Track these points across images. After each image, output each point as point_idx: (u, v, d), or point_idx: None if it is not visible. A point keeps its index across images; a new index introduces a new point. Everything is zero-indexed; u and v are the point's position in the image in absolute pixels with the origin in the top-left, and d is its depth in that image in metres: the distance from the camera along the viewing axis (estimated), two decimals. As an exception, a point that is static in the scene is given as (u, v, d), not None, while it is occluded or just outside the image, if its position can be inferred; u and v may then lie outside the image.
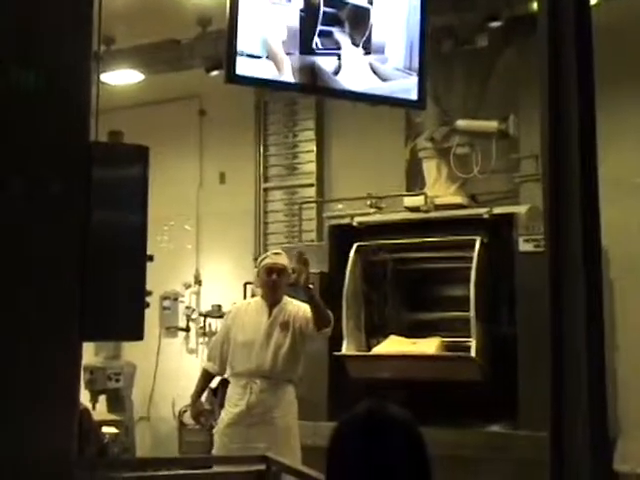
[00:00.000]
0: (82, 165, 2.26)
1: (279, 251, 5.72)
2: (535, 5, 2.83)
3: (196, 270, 9.38)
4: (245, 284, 8.30)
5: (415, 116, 7.43)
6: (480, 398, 6.03)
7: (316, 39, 5.23)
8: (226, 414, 5.40)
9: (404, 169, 7.95)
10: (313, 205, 8.59)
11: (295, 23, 5.20)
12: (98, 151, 2.31)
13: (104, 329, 2.26)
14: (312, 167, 8.85)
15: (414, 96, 5.57)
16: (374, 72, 5.46)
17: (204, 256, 9.41)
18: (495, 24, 6.61)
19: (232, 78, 5.05)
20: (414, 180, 7.68)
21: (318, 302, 5.21)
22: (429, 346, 6.38)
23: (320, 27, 5.21)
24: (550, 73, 2.70)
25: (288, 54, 5.15)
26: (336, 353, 6.41)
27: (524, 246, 6.01)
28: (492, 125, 6.78)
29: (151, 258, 2.32)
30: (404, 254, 6.80)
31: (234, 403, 5.36)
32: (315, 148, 8.85)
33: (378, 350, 6.60)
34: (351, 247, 6.71)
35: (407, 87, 5.54)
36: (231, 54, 4.97)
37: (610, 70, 4.64)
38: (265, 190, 9.17)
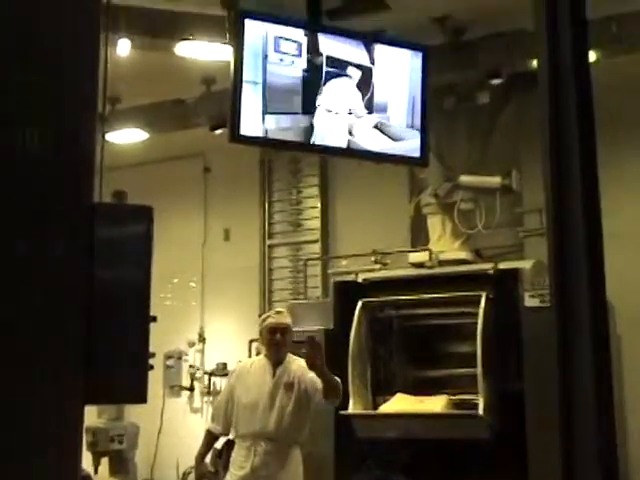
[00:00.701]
0: (86, 225, 2.26)
1: (281, 310, 5.68)
2: (535, 62, 2.86)
3: (200, 328, 9.35)
4: (250, 341, 8.26)
5: (419, 172, 7.47)
6: (489, 456, 5.96)
7: (319, 98, 5.28)
8: (231, 476, 5.31)
9: (408, 225, 7.97)
10: (318, 262, 8.59)
11: (298, 83, 5.26)
12: (102, 211, 2.30)
13: (107, 392, 2.23)
14: (317, 223, 8.88)
15: (417, 153, 5.61)
16: (377, 130, 5.50)
17: (208, 313, 9.39)
18: (496, 81, 6.68)
19: (236, 138, 5.10)
20: (418, 236, 7.69)
21: (330, 378, 5.09)
22: (436, 404, 6.33)
23: (323, 87, 5.27)
24: (551, 129, 2.71)
25: (292, 113, 5.20)
26: (342, 412, 6.34)
27: (530, 301, 5.99)
28: (495, 180, 6.81)
29: (154, 319, 2.30)
30: (410, 310, 6.78)
31: (239, 465, 5.28)
32: (320, 205, 8.88)
33: (385, 409, 6.53)
34: (356, 304, 6.69)
35: (410, 144, 5.59)
36: (235, 114, 5.02)
37: (610, 125, 4.66)
38: (270, 247, 9.18)
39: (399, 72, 5.57)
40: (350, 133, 5.40)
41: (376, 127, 5.47)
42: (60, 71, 2.27)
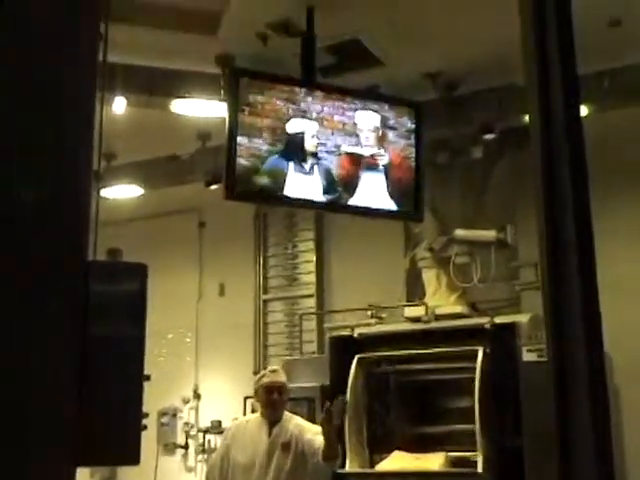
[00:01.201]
0: (80, 283, 2.26)
1: (276, 368, 5.63)
2: (527, 117, 2.88)
3: (195, 384, 9.29)
4: (245, 398, 8.19)
5: (413, 226, 7.48)
6: (488, 513, 5.88)
7: (308, 162, 5.32)
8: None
9: (404, 279, 7.95)
10: (313, 316, 8.56)
11: (294, 140, 5.31)
12: (96, 269, 2.31)
13: (99, 454, 2.20)
14: (312, 278, 8.87)
15: (411, 208, 5.64)
16: (370, 186, 5.54)
17: (203, 369, 9.33)
18: (489, 136, 6.73)
19: (231, 195, 5.13)
20: (414, 290, 7.68)
21: (334, 440, 5.00)
22: (434, 462, 6.25)
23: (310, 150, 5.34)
24: (544, 183, 2.72)
25: (285, 171, 5.23)
26: (339, 471, 6.25)
27: (527, 356, 5.96)
28: (490, 234, 6.82)
29: (148, 377, 2.29)
30: (406, 365, 6.74)
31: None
32: (315, 259, 8.88)
33: (382, 467, 6.46)
34: (352, 359, 6.65)
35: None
36: (230, 171, 5.05)
37: (603, 177, 4.69)
38: (265, 301, 9.16)
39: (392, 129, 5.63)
40: (342, 189, 5.44)
41: (369, 183, 5.51)
42: (56, 130, 2.29)
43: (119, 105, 6.13)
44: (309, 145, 5.34)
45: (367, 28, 5.80)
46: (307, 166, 5.32)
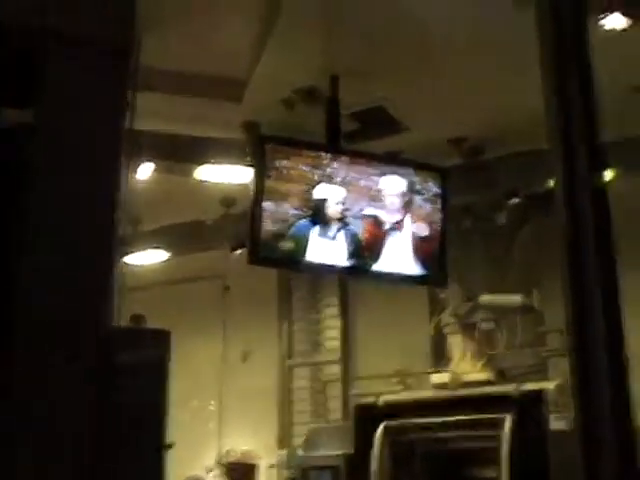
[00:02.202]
0: (104, 349, 2.25)
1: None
2: (552, 182, 2.87)
3: (219, 452, 9.18)
4: (269, 466, 8.09)
5: (439, 292, 7.44)
6: None
7: (333, 227, 5.32)
8: None
9: (430, 345, 7.89)
10: (338, 382, 8.48)
11: (320, 205, 5.33)
12: (120, 336, 2.31)
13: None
14: (337, 343, 8.81)
15: (436, 274, 5.62)
16: (395, 251, 5.52)
17: (227, 436, 9.24)
18: (514, 201, 6.72)
19: (255, 260, 5.14)
20: (440, 356, 7.61)
21: None
22: (460, 531, 6.14)
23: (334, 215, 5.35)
24: (569, 248, 2.70)
25: (309, 236, 5.24)
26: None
27: (555, 424, 5.86)
28: (515, 300, 6.76)
29: (170, 446, 2.27)
30: (432, 434, 6.64)
31: None
32: (340, 324, 8.83)
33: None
34: (377, 426, 6.57)
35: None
36: (254, 236, 5.06)
37: (629, 243, 4.64)
38: (289, 367, 9.10)
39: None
40: (366, 256, 5.43)
41: (395, 250, 5.50)
42: (83, 195, 2.30)
43: (145, 171, 6.20)
44: (333, 210, 5.34)
45: (391, 95, 5.86)
46: (331, 231, 5.32)
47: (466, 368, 6.89)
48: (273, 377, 9.05)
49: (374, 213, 5.49)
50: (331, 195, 5.36)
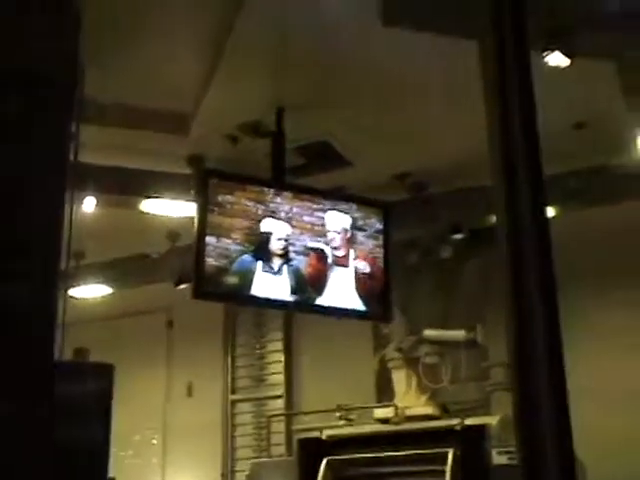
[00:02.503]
0: (46, 383, 2.22)
1: None
2: (494, 217, 2.91)
3: (161, 488, 9.07)
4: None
5: (383, 326, 7.46)
6: None
7: (276, 262, 5.33)
8: None
9: (374, 379, 7.89)
10: (282, 417, 8.44)
11: (263, 240, 5.33)
12: (62, 369, 2.28)
13: None
14: (281, 378, 8.78)
15: (380, 309, 5.65)
16: (339, 286, 5.54)
17: (170, 471, 9.12)
18: (458, 236, 6.79)
19: (199, 295, 5.12)
20: (384, 390, 7.61)
21: None
22: None
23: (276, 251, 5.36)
24: (513, 283, 2.73)
25: (254, 271, 5.24)
26: None
27: (498, 459, 5.88)
28: (460, 334, 6.81)
29: (112, 480, 2.24)
30: (376, 468, 6.62)
31: None
32: (284, 358, 8.81)
33: None
34: (321, 461, 6.53)
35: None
36: (199, 272, 5.05)
37: (570, 279, 4.72)
38: (233, 402, 9.04)
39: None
40: (310, 290, 5.44)
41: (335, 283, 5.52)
42: (24, 228, 2.28)
43: (89, 204, 6.14)
44: (276, 246, 5.35)
45: (336, 130, 5.90)
46: (275, 266, 5.33)
47: (410, 402, 6.90)
48: (217, 412, 8.98)
49: (318, 247, 5.51)
50: (274, 230, 5.38)
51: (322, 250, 5.51)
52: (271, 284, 5.30)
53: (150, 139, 5.79)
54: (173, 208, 6.45)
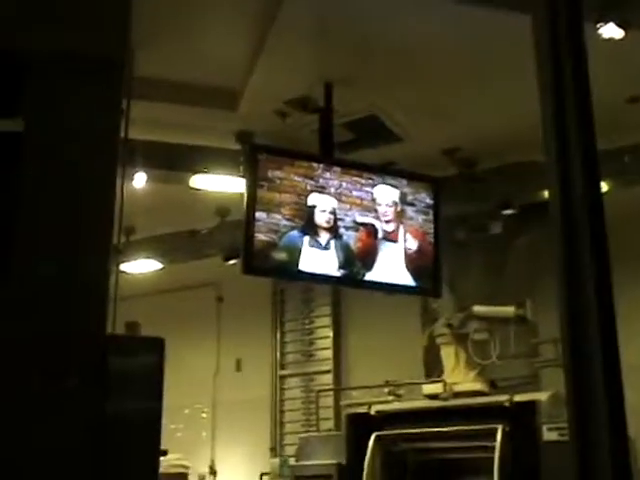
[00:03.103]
0: (98, 357, 2.24)
1: None
2: (546, 192, 2.87)
3: (211, 460, 9.16)
4: (262, 474, 8.08)
5: (432, 302, 7.44)
6: None
7: (324, 237, 5.32)
8: None
9: (422, 355, 7.88)
10: (330, 393, 8.48)
11: (311, 215, 5.33)
12: (114, 343, 2.30)
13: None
14: (329, 354, 8.81)
15: (429, 284, 5.62)
16: (389, 261, 5.53)
17: (219, 445, 9.23)
18: (508, 211, 6.73)
19: (249, 270, 5.14)
20: (433, 366, 7.60)
21: None
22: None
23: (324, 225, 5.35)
24: (565, 260, 2.70)
25: (301, 246, 5.24)
26: None
27: (548, 435, 5.85)
28: (509, 310, 6.77)
29: (165, 453, 2.26)
30: (424, 444, 6.63)
31: None
32: (332, 334, 8.83)
33: None
34: (369, 436, 6.56)
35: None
36: (248, 246, 5.06)
37: (625, 255, 4.66)
38: (282, 377, 9.09)
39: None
40: (359, 264, 5.43)
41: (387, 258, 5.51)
42: (76, 205, 2.30)
43: (139, 180, 6.19)
44: (323, 220, 5.34)
45: (385, 105, 5.87)
46: (323, 241, 5.32)
47: (459, 378, 6.89)
48: (265, 387, 9.04)
49: (367, 221, 5.49)
50: (320, 204, 5.36)
51: (372, 225, 5.49)
52: (319, 259, 5.30)
53: (199, 115, 5.81)
54: (222, 184, 6.47)
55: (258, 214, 5.13)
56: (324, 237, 5.33)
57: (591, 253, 2.68)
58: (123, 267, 7.47)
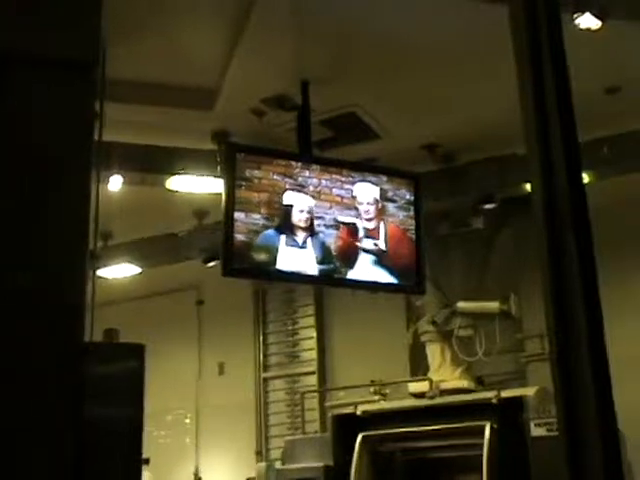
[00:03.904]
0: (76, 365, 2.19)
1: None
2: (528, 186, 2.84)
3: (195, 467, 9.10)
4: (247, 479, 8.02)
5: (415, 299, 7.41)
6: None
7: (300, 235, 5.26)
8: None
9: (407, 353, 7.86)
10: (315, 394, 8.43)
11: (287, 214, 5.27)
12: (93, 351, 2.25)
13: None
14: (313, 354, 8.76)
15: (412, 281, 5.58)
16: (370, 259, 5.48)
17: (204, 450, 9.16)
18: (489, 206, 6.70)
19: (229, 272, 5.07)
20: (418, 364, 7.58)
21: None
22: None
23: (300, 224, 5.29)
24: (549, 253, 2.66)
25: (278, 245, 5.18)
26: None
27: (536, 430, 5.82)
28: (494, 306, 6.75)
29: (147, 461, 2.20)
30: (411, 443, 6.60)
31: None
32: (315, 335, 8.78)
33: None
34: (356, 437, 6.51)
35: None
36: (227, 248, 5.00)
37: (607, 245, 4.63)
38: (265, 380, 9.04)
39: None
40: (342, 262, 5.38)
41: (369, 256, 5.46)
42: (51, 210, 2.25)
43: (115, 183, 6.12)
44: (298, 218, 5.28)
45: (362, 101, 5.83)
46: (299, 239, 5.26)
47: (445, 376, 6.86)
48: (249, 390, 8.99)
49: (348, 220, 5.45)
50: (296, 203, 5.31)
51: (353, 224, 5.44)
52: (296, 258, 5.24)
53: (175, 115, 5.75)
54: (200, 185, 6.41)
55: (237, 214, 5.07)
56: (301, 236, 5.27)
57: (576, 246, 2.64)
58: (101, 272, 7.39)
